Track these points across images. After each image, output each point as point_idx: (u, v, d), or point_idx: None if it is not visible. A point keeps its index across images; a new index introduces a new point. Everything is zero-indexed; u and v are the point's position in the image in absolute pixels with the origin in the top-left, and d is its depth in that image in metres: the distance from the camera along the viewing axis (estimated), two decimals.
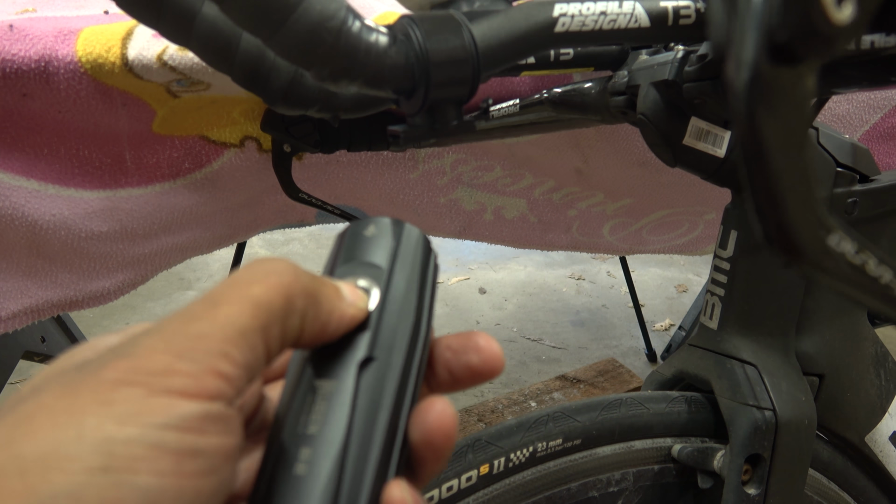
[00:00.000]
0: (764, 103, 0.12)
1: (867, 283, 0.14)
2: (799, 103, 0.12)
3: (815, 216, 0.13)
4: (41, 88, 0.48)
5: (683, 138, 0.40)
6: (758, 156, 0.12)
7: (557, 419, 0.40)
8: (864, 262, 0.14)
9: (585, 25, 0.31)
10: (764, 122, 0.12)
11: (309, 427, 0.18)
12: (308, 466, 0.18)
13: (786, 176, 0.12)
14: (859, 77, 0.33)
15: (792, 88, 0.12)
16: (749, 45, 0.12)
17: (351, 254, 0.22)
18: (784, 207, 0.13)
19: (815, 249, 0.13)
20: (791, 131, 0.12)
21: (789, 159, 0.12)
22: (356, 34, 0.27)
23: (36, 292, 0.58)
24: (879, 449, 0.48)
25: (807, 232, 0.13)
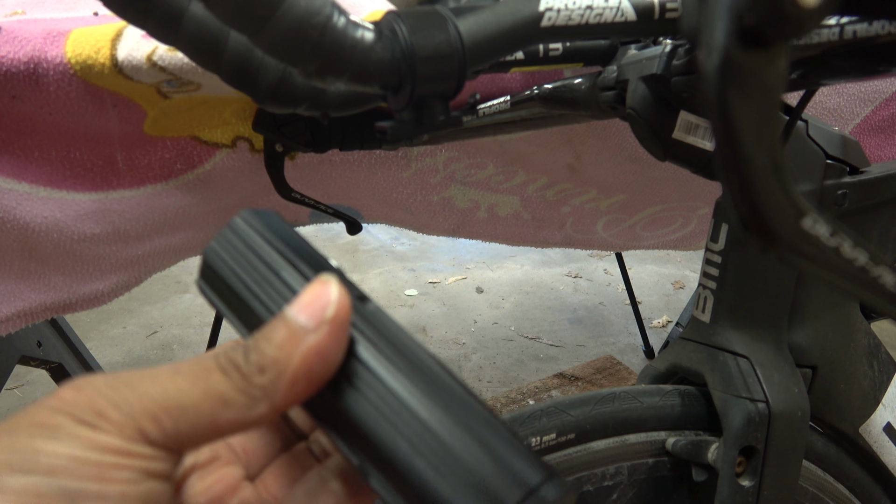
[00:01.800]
0: (735, 87, 0.12)
1: (842, 265, 0.14)
2: (770, 87, 0.12)
3: (788, 199, 0.13)
4: (31, 90, 0.48)
5: (673, 132, 0.40)
6: (730, 140, 0.12)
7: (551, 414, 0.40)
8: (838, 244, 0.14)
9: (572, 20, 0.31)
10: (735, 105, 0.12)
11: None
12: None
13: (758, 159, 0.13)
14: (847, 67, 0.33)
15: (762, 72, 0.12)
16: (719, 30, 0.12)
17: (249, 274, 0.22)
18: (757, 191, 0.13)
19: (790, 233, 0.13)
20: (763, 115, 0.12)
21: (761, 143, 0.13)
22: (341, 30, 0.27)
23: (29, 295, 0.57)
24: (873, 440, 0.48)
25: (781, 215, 0.13)
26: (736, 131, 0.12)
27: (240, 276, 0.22)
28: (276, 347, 0.19)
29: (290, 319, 0.20)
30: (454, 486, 0.18)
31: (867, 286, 0.14)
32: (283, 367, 0.19)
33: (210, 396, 0.19)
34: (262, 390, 0.19)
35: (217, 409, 0.19)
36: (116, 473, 0.18)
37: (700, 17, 0.12)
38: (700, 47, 0.12)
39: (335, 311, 0.19)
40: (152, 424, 0.18)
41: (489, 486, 0.18)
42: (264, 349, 0.19)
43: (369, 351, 0.20)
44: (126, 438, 0.18)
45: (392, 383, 0.20)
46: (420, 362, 0.20)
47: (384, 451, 0.19)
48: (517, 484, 0.18)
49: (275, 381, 0.19)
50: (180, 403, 0.19)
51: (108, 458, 0.18)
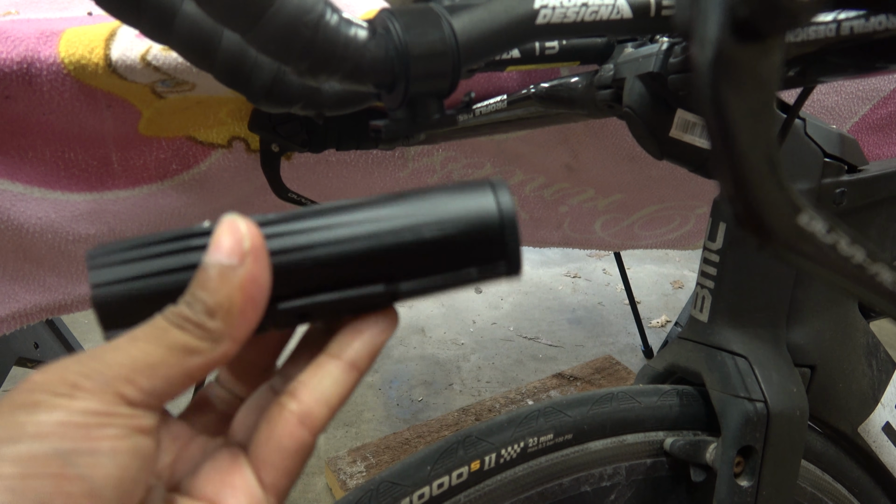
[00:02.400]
0: (728, 82, 0.12)
1: (839, 263, 0.14)
2: (764, 81, 0.12)
3: (784, 195, 0.13)
4: (24, 90, 0.47)
5: (670, 130, 0.40)
6: (724, 135, 0.12)
7: (548, 414, 0.40)
8: (835, 241, 0.13)
9: (567, 17, 0.31)
10: (729, 100, 0.12)
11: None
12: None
13: (753, 155, 0.12)
14: (845, 64, 0.33)
15: (756, 66, 0.12)
16: (712, 23, 0.11)
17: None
18: (752, 187, 0.12)
19: (786, 229, 0.13)
20: (757, 109, 0.12)
21: (756, 138, 0.12)
22: (334, 28, 0.26)
23: (24, 296, 0.57)
24: (872, 439, 0.48)
25: (776, 211, 0.13)
26: (730, 126, 0.12)
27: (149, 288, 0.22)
28: (214, 291, 0.21)
29: (214, 263, 0.21)
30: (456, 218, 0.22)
31: (864, 284, 0.14)
32: (228, 306, 0.21)
33: (175, 350, 0.20)
34: (219, 331, 0.21)
35: (185, 359, 0.20)
36: (103, 431, 0.19)
37: (693, 11, 0.12)
38: (693, 41, 0.12)
39: (251, 241, 0.21)
40: (128, 386, 0.20)
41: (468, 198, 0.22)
42: (204, 297, 0.21)
43: (298, 230, 0.22)
44: (105, 403, 0.19)
45: (336, 220, 0.22)
46: (341, 203, 0.23)
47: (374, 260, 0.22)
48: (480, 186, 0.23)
49: (226, 318, 0.21)
50: (149, 362, 0.20)
51: (91, 420, 0.19)
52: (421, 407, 1.44)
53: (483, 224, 0.22)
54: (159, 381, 0.20)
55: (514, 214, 0.23)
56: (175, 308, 0.21)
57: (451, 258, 0.23)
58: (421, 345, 1.68)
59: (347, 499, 0.36)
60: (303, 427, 0.23)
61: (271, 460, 0.23)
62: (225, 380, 0.26)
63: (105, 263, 0.22)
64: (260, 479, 0.23)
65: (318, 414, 0.23)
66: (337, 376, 0.23)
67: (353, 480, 1.16)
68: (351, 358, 0.24)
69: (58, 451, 0.18)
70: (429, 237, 0.22)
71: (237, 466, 0.23)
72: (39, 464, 0.18)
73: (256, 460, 0.23)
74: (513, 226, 0.22)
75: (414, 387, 1.51)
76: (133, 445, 0.19)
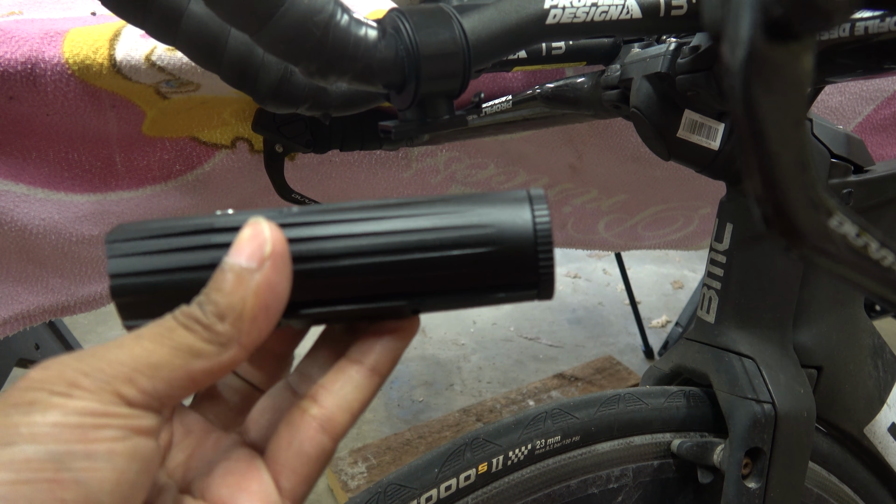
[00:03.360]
0: (760, 82, 0.12)
1: (869, 266, 0.14)
2: (797, 81, 0.12)
3: (815, 198, 0.13)
4: (28, 91, 0.47)
5: (677, 131, 0.40)
6: (755, 137, 0.12)
7: (555, 416, 0.40)
8: (865, 244, 0.13)
9: (577, 17, 0.31)
10: (761, 101, 0.12)
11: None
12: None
13: (784, 157, 0.12)
14: (853, 65, 0.33)
15: (789, 66, 0.12)
16: (745, 23, 0.11)
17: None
18: (783, 189, 0.12)
19: (816, 232, 0.13)
20: (789, 111, 0.12)
21: (787, 139, 0.12)
22: (345, 28, 0.26)
23: (27, 298, 0.57)
24: (878, 440, 0.48)
25: (807, 214, 0.13)
26: (761, 127, 0.12)
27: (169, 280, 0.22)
28: (228, 294, 0.20)
29: (232, 265, 0.20)
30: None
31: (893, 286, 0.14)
32: (239, 310, 0.20)
33: (179, 351, 0.20)
34: (227, 336, 0.20)
35: (189, 362, 0.20)
36: (100, 433, 0.18)
37: (724, 10, 0.11)
38: (724, 41, 0.12)
39: (272, 245, 0.20)
40: (128, 386, 0.19)
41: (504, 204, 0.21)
42: (217, 299, 0.20)
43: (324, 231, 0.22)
44: (103, 402, 0.18)
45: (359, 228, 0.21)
46: (365, 205, 0.22)
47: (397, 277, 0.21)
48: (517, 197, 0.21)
49: (236, 323, 0.20)
50: (151, 362, 0.19)
51: (88, 421, 0.18)
52: (422, 407, 1.44)
53: (515, 248, 0.21)
54: (160, 382, 0.19)
55: (549, 238, 0.21)
56: (186, 308, 0.20)
57: (480, 279, 0.21)
58: (421, 345, 1.68)
59: (355, 501, 0.35)
60: (324, 433, 0.22)
61: (291, 465, 0.22)
62: (240, 367, 0.26)
63: (125, 252, 0.21)
64: (278, 484, 0.22)
65: (339, 420, 0.23)
66: (359, 382, 0.23)
67: (355, 481, 1.16)
68: (372, 363, 0.23)
69: (52, 454, 0.17)
70: (456, 256, 0.21)
71: (254, 469, 0.23)
72: (33, 468, 0.17)
73: (275, 464, 0.23)
74: (548, 251, 0.21)
75: (415, 387, 1.51)
76: (131, 448, 0.19)
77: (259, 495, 0.22)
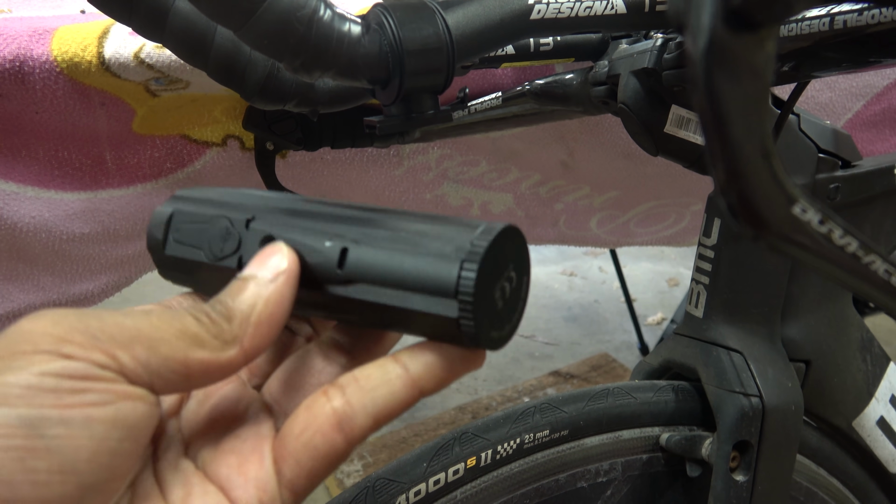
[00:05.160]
0: (722, 71, 0.12)
1: (834, 253, 0.14)
2: (758, 71, 0.12)
3: (778, 185, 0.13)
4: (16, 89, 0.47)
5: (664, 126, 0.40)
6: (717, 125, 0.12)
7: (544, 410, 0.40)
8: (829, 230, 0.13)
9: (561, 13, 0.31)
10: (722, 90, 0.12)
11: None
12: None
13: (747, 145, 0.12)
14: (838, 59, 0.33)
15: (750, 55, 0.12)
16: (705, 12, 0.11)
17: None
18: (746, 177, 0.12)
19: (780, 220, 0.13)
20: (751, 99, 0.12)
21: (750, 128, 0.12)
22: (328, 23, 0.26)
23: (18, 296, 0.57)
24: (867, 434, 0.48)
25: (770, 202, 0.13)
26: (724, 116, 0.12)
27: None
28: (240, 299, 0.21)
29: (248, 274, 0.22)
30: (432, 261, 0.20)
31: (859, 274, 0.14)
32: (247, 315, 0.21)
33: (184, 335, 0.20)
34: (232, 334, 0.20)
35: (189, 347, 0.19)
36: (77, 398, 0.17)
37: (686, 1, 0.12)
38: (686, 31, 0.12)
39: (287, 263, 0.22)
40: (123, 350, 0.18)
41: (455, 241, 0.20)
42: (228, 302, 0.21)
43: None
44: (89, 362, 0.18)
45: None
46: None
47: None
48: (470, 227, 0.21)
49: (242, 326, 0.20)
50: (154, 336, 0.19)
51: (65, 384, 0.17)
52: (417, 405, 1.44)
53: (439, 310, 0.20)
54: (156, 357, 0.19)
55: (470, 306, 0.20)
56: (196, 304, 0.21)
57: (419, 326, 0.21)
58: None
59: (344, 496, 0.36)
60: (340, 432, 0.21)
61: (297, 456, 0.21)
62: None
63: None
64: (280, 471, 0.21)
65: (360, 423, 0.21)
66: (395, 389, 0.21)
67: (350, 479, 1.16)
68: (417, 374, 0.21)
69: (24, 419, 0.16)
70: (391, 306, 0.21)
71: (257, 453, 0.22)
72: (1, 434, 0.16)
73: (283, 449, 0.21)
74: (469, 317, 0.20)
75: None
76: (113, 413, 0.17)
77: (255, 482, 0.21)
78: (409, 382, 0.21)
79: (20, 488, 0.16)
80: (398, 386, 0.21)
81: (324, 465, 0.21)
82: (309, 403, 0.21)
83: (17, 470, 0.16)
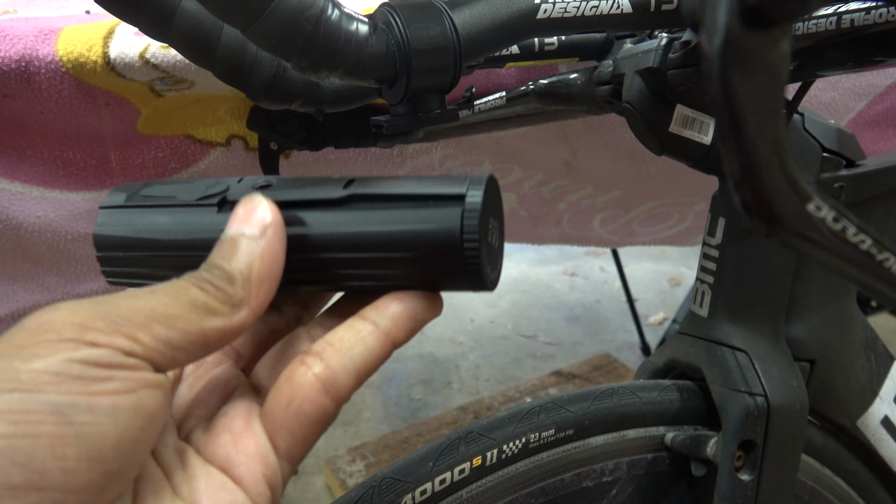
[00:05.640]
0: (738, 68, 0.12)
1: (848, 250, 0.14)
2: (773, 68, 0.12)
3: (793, 182, 0.13)
4: (22, 89, 0.47)
5: (669, 126, 0.40)
6: (733, 123, 0.12)
7: (549, 410, 0.40)
8: (843, 227, 0.14)
9: (567, 12, 0.31)
10: (738, 88, 0.12)
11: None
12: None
13: (761, 142, 0.12)
14: (843, 58, 0.33)
15: (766, 53, 0.12)
16: (721, 10, 0.11)
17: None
18: (761, 174, 0.13)
19: (795, 217, 0.13)
20: (766, 97, 0.12)
21: (765, 125, 0.12)
22: (335, 23, 0.26)
23: (23, 296, 0.57)
24: (871, 433, 0.48)
25: (785, 199, 0.13)
26: (739, 114, 0.12)
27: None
28: (235, 261, 0.21)
29: (235, 235, 0.21)
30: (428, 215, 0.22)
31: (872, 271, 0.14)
32: (248, 274, 0.21)
33: (195, 307, 0.20)
34: (239, 297, 0.21)
35: (204, 318, 0.20)
36: (103, 385, 0.17)
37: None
38: (701, 29, 0.12)
39: (272, 216, 0.22)
40: (143, 331, 0.18)
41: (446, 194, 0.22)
42: (224, 265, 0.21)
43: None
44: (113, 348, 0.18)
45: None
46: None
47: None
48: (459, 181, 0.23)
49: (246, 286, 0.21)
50: (168, 313, 0.19)
51: (92, 372, 0.17)
52: (420, 405, 1.44)
53: (444, 253, 0.22)
54: (176, 332, 0.19)
55: (476, 242, 0.22)
56: (195, 272, 0.21)
57: (416, 276, 0.23)
58: (419, 343, 1.68)
59: (350, 495, 0.36)
60: (326, 395, 0.21)
61: (289, 426, 0.21)
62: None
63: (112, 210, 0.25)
64: (274, 444, 0.22)
65: (343, 382, 0.22)
66: (370, 345, 0.22)
67: (353, 479, 1.16)
68: (387, 327, 0.22)
69: (54, 405, 0.16)
70: (392, 257, 0.23)
71: (250, 429, 0.22)
72: (32, 421, 0.16)
73: (273, 423, 0.22)
74: (475, 253, 0.22)
75: (412, 385, 1.51)
76: (136, 402, 0.18)
77: (256, 458, 0.21)
78: (381, 336, 0.22)
79: (51, 475, 0.16)
80: (372, 342, 0.22)
81: (316, 429, 0.22)
82: (288, 375, 0.22)
83: (48, 457, 0.16)
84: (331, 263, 0.23)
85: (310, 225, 0.23)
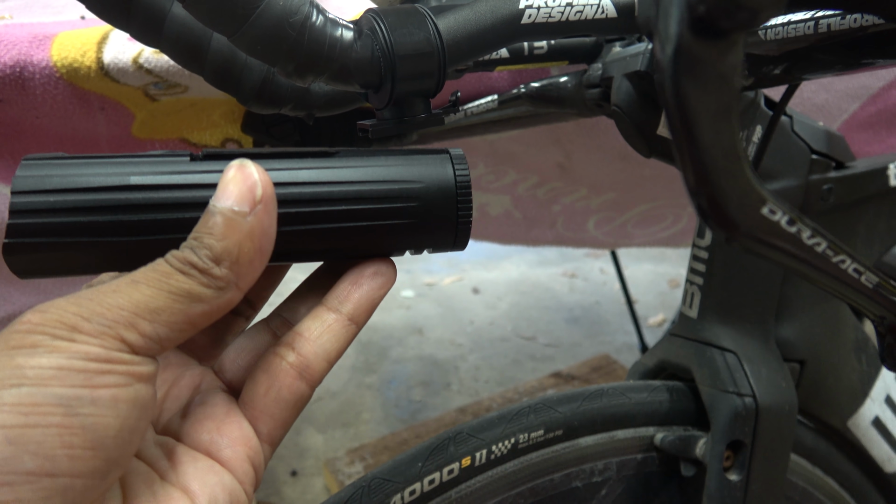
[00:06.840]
0: (689, 77, 0.12)
1: (805, 253, 0.14)
2: (725, 76, 0.12)
3: (747, 187, 0.13)
4: (17, 94, 0.48)
5: (657, 129, 0.40)
6: (686, 130, 0.12)
7: (539, 410, 0.40)
8: (798, 231, 0.14)
9: (552, 17, 0.31)
10: (690, 95, 0.12)
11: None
12: None
13: (714, 148, 0.13)
14: (831, 61, 0.33)
15: (717, 62, 0.12)
16: (672, 20, 0.12)
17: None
18: (715, 180, 0.13)
19: (750, 221, 0.13)
20: (718, 105, 0.12)
21: (718, 132, 0.13)
22: (320, 29, 0.27)
23: (19, 299, 0.57)
24: (862, 433, 0.49)
25: (740, 204, 0.13)
26: (691, 121, 0.12)
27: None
28: (223, 238, 0.20)
29: (223, 209, 0.20)
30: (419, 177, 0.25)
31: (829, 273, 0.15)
32: (236, 254, 0.20)
33: (179, 296, 0.20)
34: (226, 279, 0.20)
35: (189, 306, 0.20)
36: (104, 379, 0.18)
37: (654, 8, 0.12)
38: (655, 38, 0.12)
39: (263, 190, 0.21)
40: (130, 331, 0.19)
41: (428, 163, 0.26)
42: (211, 243, 0.20)
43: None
44: (106, 348, 0.18)
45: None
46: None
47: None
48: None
49: (233, 267, 0.20)
50: (152, 307, 0.19)
51: (92, 366, 0.18)
52: (419, 407, 1.45)
53: (440, 201, 0.25)
54: (162, 326, 0.19)
55: (469, 191, 0.25)
56: (179, 253, 0.20)
57: (406, 227, 0.25)
58: (419, 345, 1.68)
59: (339, 496, 0.36)
60: (302, 380, 0.23)
61: (269, 411, 0.23)
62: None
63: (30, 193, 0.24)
64: (255, 428, 0.23)
65: (317, 368, 0.24)
66: (336, 331, 0.24)
67: (352, 481, 1.17)
68: (350, 312, 0.24)
69: (60, 398, 0.17)
70: (389, 207, 0.25)
71: (232, 415, 0.23)
72: (41, 412, 0.17)
73: (253, 410, 0.23)
74: (467, 203, 0.25)
75: (412, 387, 1.52)
76: (133, 394, 0.19)
77: (241, 441, 0.23)
78: (345, 322, 0.24)
79: (60, 462, 0.17)
80: (337, 328, 0.24)
81: (294, 411, 0.24)
82: (265, 367, 0.24)
83: (57, 445, 0.17)
84: (320, 218, 0.23)
85: (300, 181, 0.23)
